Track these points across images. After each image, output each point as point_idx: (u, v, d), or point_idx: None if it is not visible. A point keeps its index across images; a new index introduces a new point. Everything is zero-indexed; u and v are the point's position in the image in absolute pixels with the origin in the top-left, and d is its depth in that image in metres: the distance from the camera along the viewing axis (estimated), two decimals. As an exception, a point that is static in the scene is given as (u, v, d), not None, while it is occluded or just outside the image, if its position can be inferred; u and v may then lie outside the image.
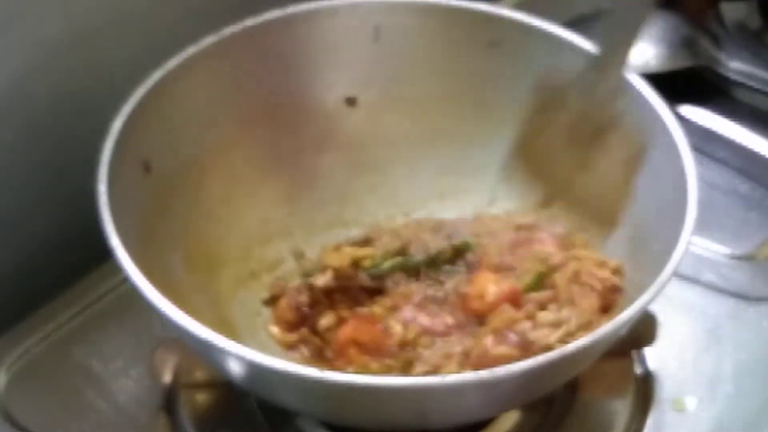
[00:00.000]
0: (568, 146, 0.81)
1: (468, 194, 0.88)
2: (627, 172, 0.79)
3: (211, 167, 0.82)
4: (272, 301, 0.82)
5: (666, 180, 0.76)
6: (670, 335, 0.83)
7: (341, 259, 0.81)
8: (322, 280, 0.80)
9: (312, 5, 0.84)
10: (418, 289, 0.80)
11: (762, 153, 0.96)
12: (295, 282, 0.82)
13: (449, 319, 0.78)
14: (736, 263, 0.89)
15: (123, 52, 0.86)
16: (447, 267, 0.81)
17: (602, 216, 0.81)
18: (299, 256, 0.85)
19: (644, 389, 0.80)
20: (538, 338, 0.74)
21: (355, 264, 0.81)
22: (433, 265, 0.81)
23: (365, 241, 0.84)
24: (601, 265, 0.78)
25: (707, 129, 0.98)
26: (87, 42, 0.85)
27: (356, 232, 0.86)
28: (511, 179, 0.85)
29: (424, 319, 0.79)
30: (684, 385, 0.81)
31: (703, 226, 0.72)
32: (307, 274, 0.82)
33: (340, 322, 0.79)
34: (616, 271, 0.78)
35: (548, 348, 0.73)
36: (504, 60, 0.85)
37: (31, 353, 0.82)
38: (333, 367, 0.77)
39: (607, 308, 0.77)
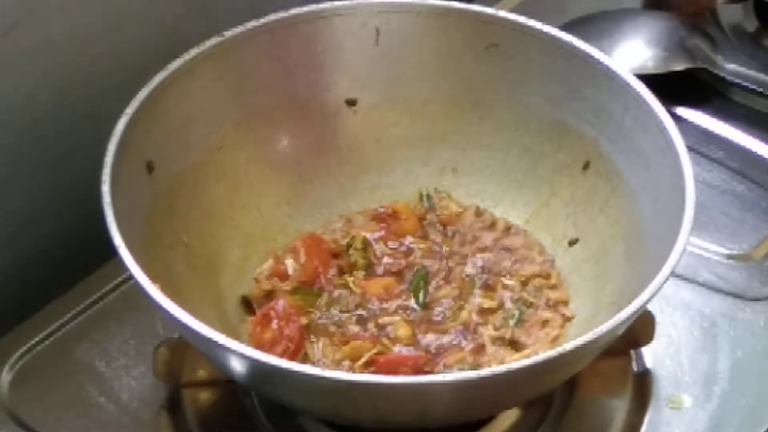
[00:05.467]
0: None
1: (467, 195, 0.88)
2: None
3: (213, 168, 0.83)
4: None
5: (663, 180, 0.77)
6: (667, 334, 0.83)
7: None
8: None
9: (314, 8, 0.85)
10: None
11: (758, 153, 0.96)
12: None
13: None
14: (732, 263, 0.89)
15: (126, 54, 0.87)
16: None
17: None
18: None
19: (642, 387, 0.81)
20: None
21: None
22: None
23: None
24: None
25: (704, 130, 0.98)
26: (90, 45, 0.85)
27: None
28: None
29: None
30: (681, 383, 0.81)
31: (699, 227, 0.73)
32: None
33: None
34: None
35: None
36: (502, 62, 0.86)
37: (34, 352, 0.82)
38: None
39: None
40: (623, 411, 0.79)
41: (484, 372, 0.68)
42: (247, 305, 0.82)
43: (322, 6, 0.85)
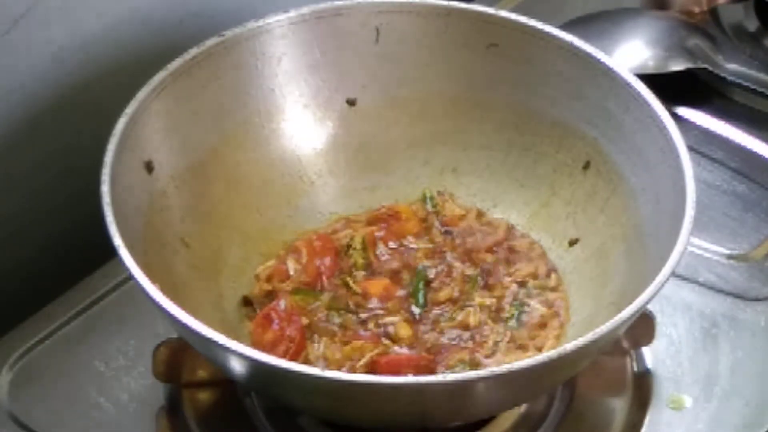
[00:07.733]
0: None
1: (467, 195, 0.88)
2: None
3: (213, 168, 0.83)
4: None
5: (664, 180, 0.77)
6: (667, 334, 0.83)
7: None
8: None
9: (314, 8, 0.85)
10: None
11: (759, 153, 0.96)
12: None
13: None
14: (733, 263, 0.89)
15: (126, 54, 0.87)
16: None
17: None
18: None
19: (642, 388, 0.81)
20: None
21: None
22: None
23: None
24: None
25: (705, 130, 0.98)
26: (90, 44, 0.86)
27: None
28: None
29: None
30: (681, 383, 0.81)
31: (700, 227, 0.73)
32: None
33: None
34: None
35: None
36: (502, 61, 0.86)
37: (34, 352, 0.82)
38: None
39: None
40: (623, 411, 0.79)
41: (484, 372, 0.68)
42: (248, 305, 0.82)
43: (322, 6, 0.85)
